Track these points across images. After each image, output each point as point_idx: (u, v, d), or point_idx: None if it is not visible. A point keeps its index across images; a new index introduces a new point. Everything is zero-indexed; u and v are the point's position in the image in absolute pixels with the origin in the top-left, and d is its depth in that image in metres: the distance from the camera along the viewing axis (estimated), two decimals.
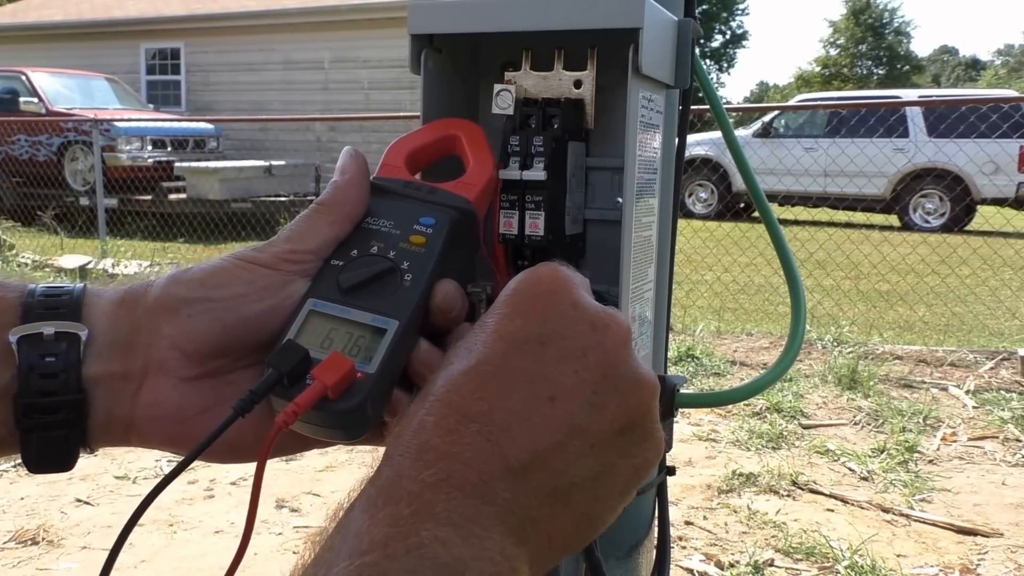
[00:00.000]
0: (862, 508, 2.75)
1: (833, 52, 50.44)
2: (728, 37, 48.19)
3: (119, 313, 0.45)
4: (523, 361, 0.38)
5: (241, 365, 0.47)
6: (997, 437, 3.40)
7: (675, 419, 0.65)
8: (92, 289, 0.46)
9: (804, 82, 50.68)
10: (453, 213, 0.49)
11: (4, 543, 2.47)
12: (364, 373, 0.43)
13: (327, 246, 0.47)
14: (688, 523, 2.64)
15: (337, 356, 0.43)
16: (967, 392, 3.97)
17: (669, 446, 0.67)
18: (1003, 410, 3.66)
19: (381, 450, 0.39)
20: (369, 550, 0.32)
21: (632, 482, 0.39)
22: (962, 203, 10.24)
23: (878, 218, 10.76)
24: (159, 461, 3.10)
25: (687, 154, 0.74)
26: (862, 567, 2.32)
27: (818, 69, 50.89)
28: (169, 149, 11.19)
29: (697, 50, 0.66)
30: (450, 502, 0.34)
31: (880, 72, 48.08)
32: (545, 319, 0.39)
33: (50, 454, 0.44)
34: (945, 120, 9.90)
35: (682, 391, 0.61)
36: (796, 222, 8.46)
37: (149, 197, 10.26)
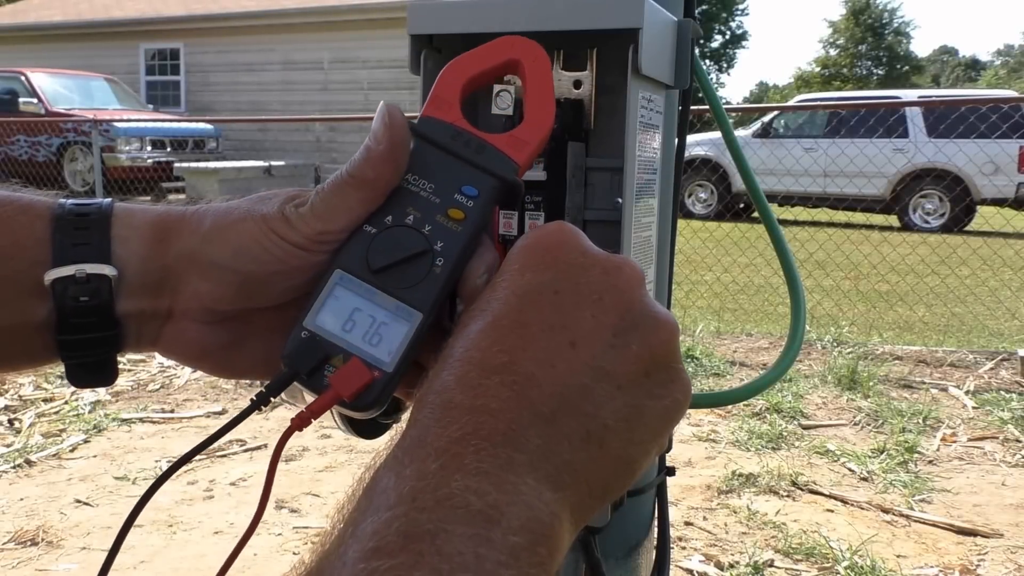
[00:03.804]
0: (862, 508, 2.75)
1: (833, 52, 50.47)
2: (728, 37, 48.21)
3: (150, 254, 0.45)
4: (539, 311, 0.38)
5: (265, 308, 0.47)
6: (997, 438, 3.40)
7: None
8: (121, 213, 0.46)
9: (804, 82, 50.71)
10: (497, 185, 0.46)
11: (3, 544, 2.47)
12: (381, 371, 0.43)
13: (359, 222, 0.45)
14: (688, 524, 2.64)
15: (357, 365, 0.42)
16: (967, 392, 3.97)
17: (669, 447, 0.67)
18: (1003, 411, 3.66)
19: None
20: (397, 504, 0.32)
21: (665, 425, 0.39)
22: (962, 203, 10.25)
23: (878, 218, 10.76)
24: (159, 462, 3.09)
25: (687, 154, 0.74)
26: (862, 568, 2.32)
27: (818, 69, 50.92)
28: (168, 149, 11.20)
29: (697, 50, 0.66)
30: (479, 453, 0.33)
31: (880, 72, 48.09)
32: (556, 269, 0.39)
33: (90, 376, 0.47)
34: (945, 120, 9.90)
35: None
36: (796, 222, 8.46)
37: (148, 198, 10.26)
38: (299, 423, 0.42)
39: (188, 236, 0.45)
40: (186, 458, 0.46)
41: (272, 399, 0.44)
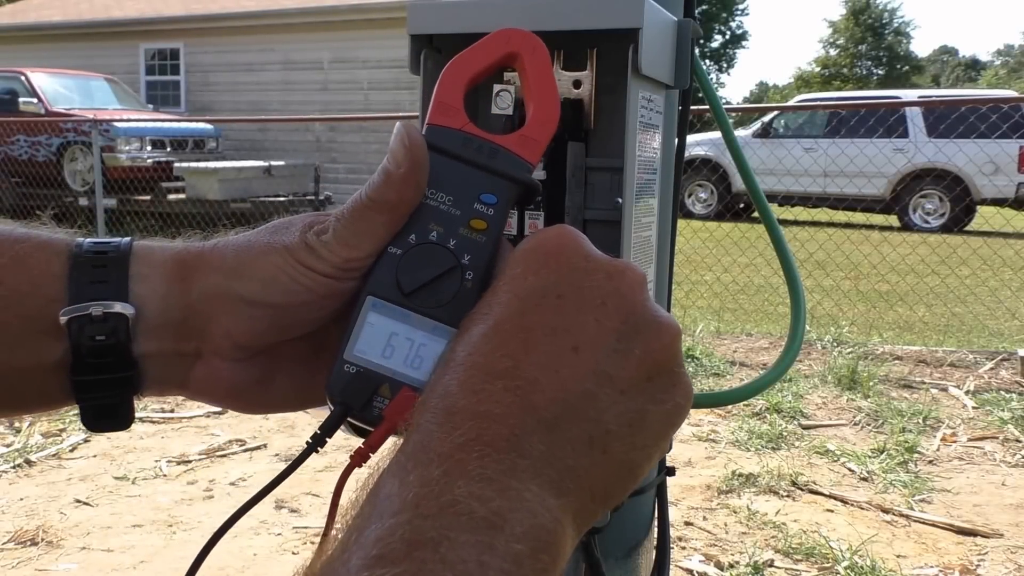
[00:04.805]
0: (862, 508, 2.75)
1: (833, 52, 50.48)
2: (728, 37, 48.22)
3: (171, 292, 0.45)
4: (542, 315, 0.38)
5: (293, 339, 0.47)
6: (997, 438, 3.40)
7: None
8: (140, 252, 0.45)
9: (804, 82, 50.72)
10: (515, 189, 0.45)
11: (3, 543, 2.47)
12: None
13: (384, 245, 0.45)
14: (688, 524, 2.64)
15: (408, 394, 0.42)
16: (967, 392, 3.97)
17: (669, 447, 0.67)
18: (1003, 411, 3.66)
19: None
20: (400, 510, 0.32)
21: (667, 429, 0.39)
22: (962, 203, 10.25)
23: (878, 218, 10.76)
24: (159, 462, 3.09)
25: (687, 154, 0.74)
26: (862, 568, 2.32)
27: (818, 69, 50.93)
28: (168, 149, 11.19)
29: (697, 50, 0.66)
30: (483, 459, 0.33)
31: (880, 72, 48.11)
32: (559, 273, 0.39)
33: (105, 419, 0.47)
34: (945, 120, 9.91)
35: None
36: (796, 222, 8.46)
37: (148, 197, 10.25)
38: (358, 459, 0.42)
39: (211, 273, 0.45)
40: (249, 505, 0.45)
41: (328, 439, 0.44)
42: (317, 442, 0.44)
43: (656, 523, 0.74)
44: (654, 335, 0.39)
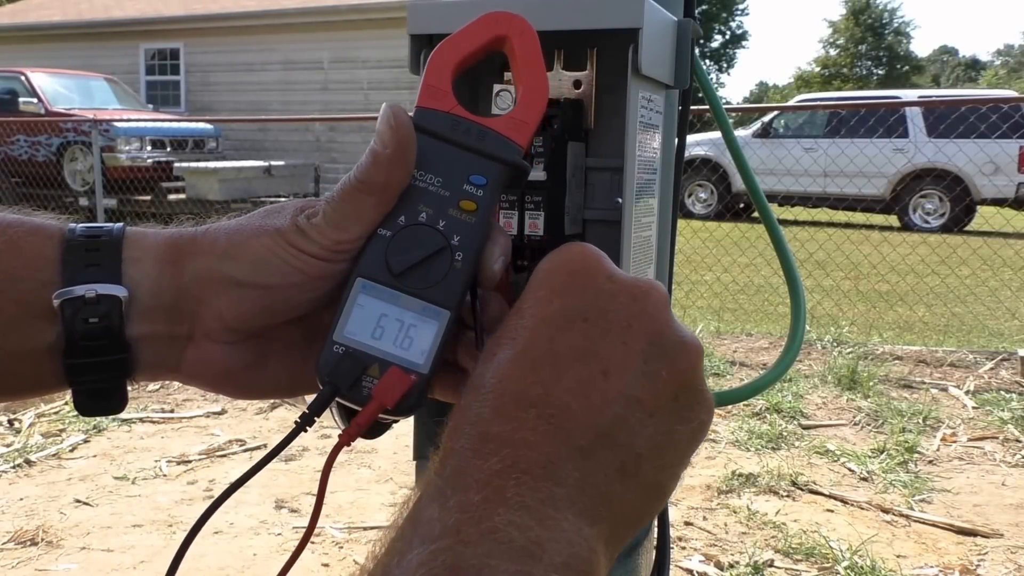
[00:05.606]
0: (862, 508, 2.75)
1: (833, 52, 50.47)
2: (728, 37, 48.22)
3: (163, 275, 0.45)
4: (570, 340, 0.38)
5: (285, 324, 0.47)
6: (997, 438, 3.40)
7: None
8: (133, 236, 0.46)
9: (804, 82, 50.71)
10: (504, 171, 0.46)
11: (3, 544, 2.47)
12: (417, 374, 0.43)
13: (374, 227, 0.45)
14: (688, 524, 2.64)
15: (396, 373, 0.43)
16: (967, 392, 3.97)
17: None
18: (1003, 411, 3.66)
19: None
20: (441, 536, 0.32)
21: (692, 446, 0.39)
22: (962, 203, 10.25)
23: (878, 218, 10.76)
24: (159, 462, 3.09)
25: (687, 154, 0.74)
26: (862, 568, 2.32)
27: (818, 69, 50.92)
28: (168, 149, 11.19)
29: (697, 50, 0.66)
30: (520, 487, 0.34)
31: (880, 72, 48.10)
32: (584, 296, 0.39)
33: (97, 403, 0.46)
34: (945, 120, 9.91)
35: None
36: (796, 222, 8.46)
37: (148, 197, 10.26)
38: (347, 438, 0.43)
39: (203, 256, 0.45)
40: (235, 486, 0.46)
41: (317, 418, 0.44)
42: (305, 421, 0.44)
43: (656, 523, 0.74)
44: (680, 356, 0.39)
